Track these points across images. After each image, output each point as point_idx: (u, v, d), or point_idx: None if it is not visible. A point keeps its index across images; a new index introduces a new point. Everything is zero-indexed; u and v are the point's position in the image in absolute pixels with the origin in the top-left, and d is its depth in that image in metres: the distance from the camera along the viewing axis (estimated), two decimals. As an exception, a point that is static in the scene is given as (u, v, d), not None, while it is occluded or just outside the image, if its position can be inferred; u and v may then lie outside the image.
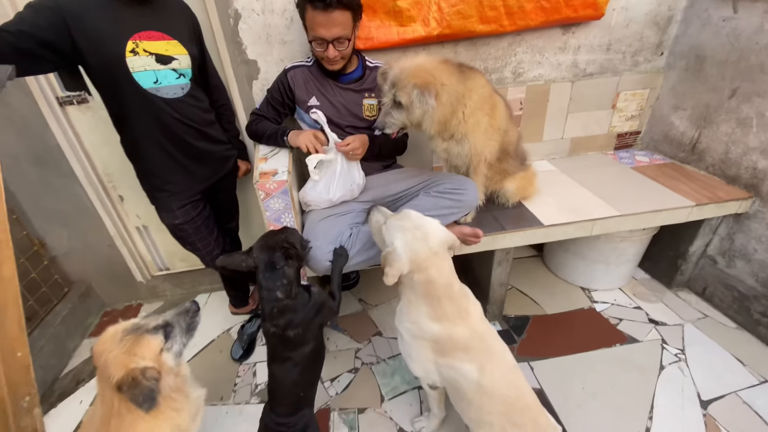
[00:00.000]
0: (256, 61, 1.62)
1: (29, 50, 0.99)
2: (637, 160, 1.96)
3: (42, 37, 0.99)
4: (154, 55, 1.19)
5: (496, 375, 1.04)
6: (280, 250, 1.01)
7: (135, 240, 1.99)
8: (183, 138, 1.31)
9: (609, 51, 1.82)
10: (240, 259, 1.02)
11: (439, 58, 1.25)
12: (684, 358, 1.60)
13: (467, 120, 1.28)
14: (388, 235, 1.04)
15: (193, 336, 1.05)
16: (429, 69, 1.18)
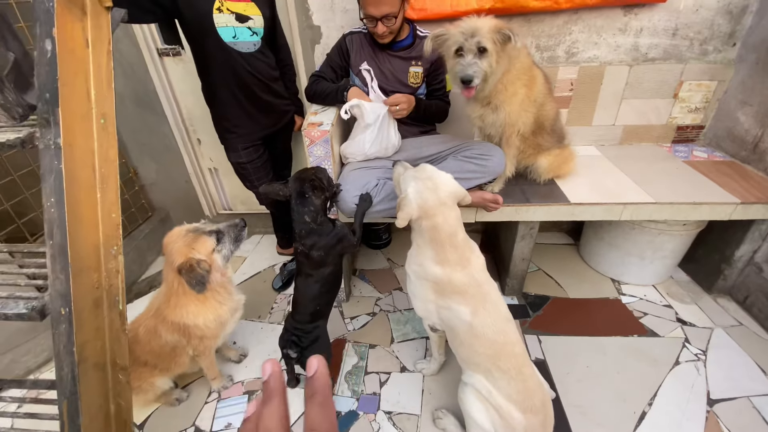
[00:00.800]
0: (320, 26, 1.80)
1: (140, 3, 1.25)
2: (694, 155, 1.86)
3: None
4: (235, 14, 1.42)
5: (487, 320, 1.15)
6: (308, 182, 1.20)
7: (207, 179, 2.33)
8: (252, 89, 1.54)
9: (675, 36, 1.74)
10: (278, 188, 1.22)
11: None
12: (704, 359, 1.56)
13: (507, 88, 1.34)
14: (404, 184, 1.18)
15: (239, 247, 1.29)
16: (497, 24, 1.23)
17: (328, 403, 0.25)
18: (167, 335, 1.25)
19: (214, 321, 1.25)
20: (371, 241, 2.23)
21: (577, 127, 1.93)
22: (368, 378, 1.53)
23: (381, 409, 1.42)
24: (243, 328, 1.78)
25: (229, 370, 1.59)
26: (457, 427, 1.31)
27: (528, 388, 1.13)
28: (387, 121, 1.55)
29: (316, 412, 0.24)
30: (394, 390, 1.49)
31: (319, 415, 0.24)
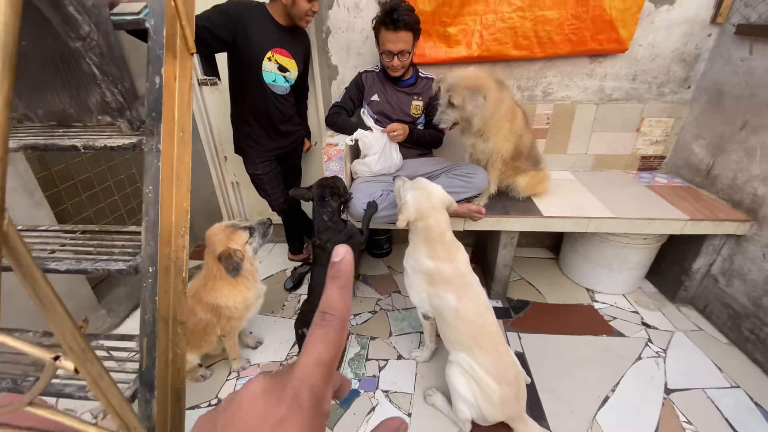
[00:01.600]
0: (337, 66, 2.14)
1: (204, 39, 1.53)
2: (656, 181, 2.15)
3: (217, 33, 1.54)
4: (279, 65, 1.75)
5: (469, 305, 1.39)
6: (329, 189, 1.48)
7: (229, 192, 2.62)
8: (274, 121, 1.85)
9: (635, 81, 2.07)
10: (304, 191, 1.51)
11: (485, 70, 1.64)
12: (664, 356, 1.78)
13: (496, 124, 1.66)
14: (403, 193, 1.46)
15: (266, 242, 1.55)
16: (478, 77, 1.58)
17: (349, 288, 0.25)
18: (202, 314, 1.50)
19: (242, 303, 1.50)
20: (374, 250, 2.49)
21: (555, 155, 2.24)
22: (368, 363, 1.76)
23: (379, 389, 1.64)
24: (259, 321, 2.02)
25: (246, 354, 1.82)
26: (444, 402, 1.53)
27: (503, 362, 1.36)
28: (389, 145, 1.85)
29: (336, 294, 0.24)
30: (391, 374, 1.71)
31: (339, 297, 0.24)
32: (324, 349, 0.23)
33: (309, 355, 0.23)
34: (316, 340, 0.23)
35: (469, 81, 1.56)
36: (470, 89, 1.54)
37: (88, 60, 0.80)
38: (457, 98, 1.58)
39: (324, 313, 0.24)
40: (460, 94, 1.56)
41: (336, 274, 0.25)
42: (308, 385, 0.22)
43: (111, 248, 1.09)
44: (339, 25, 2.04)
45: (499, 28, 1.90)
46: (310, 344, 0.23)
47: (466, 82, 1.55)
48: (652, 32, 1.95)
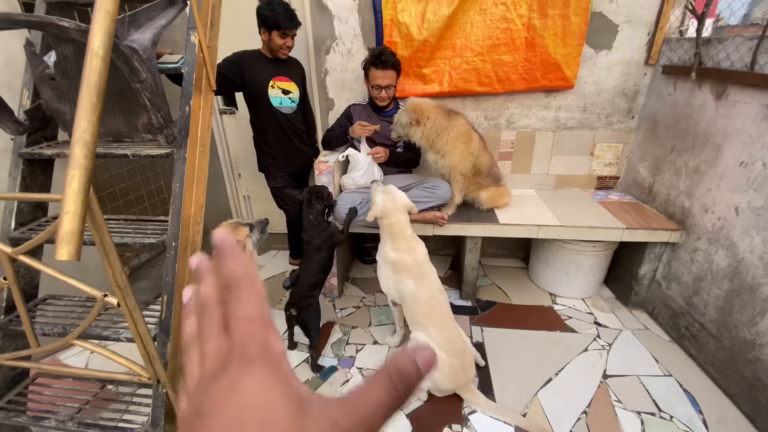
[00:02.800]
0: (333, 99, 2.58)
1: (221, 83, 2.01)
2: (608, 198, 2.44)
3: (229, 77, 2.01)
4: (281, 89, 2.19)
5: (424, 290, 1.70)
6: (315, 194, 1.85)
7: (241, 204, 3.03)
8: (289, 137, 2.27)
9: (585, 111, 2.42)
10: (296, 193, 1.88)
11: (436, 103, 2.04)
12: (608, 349, 2.01)
13: (448, 144, 2.03)
14: (374, 195, 1.81)
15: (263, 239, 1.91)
16: (422, 106, 1.98)
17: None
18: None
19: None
20: (363, 256, 2.83)
21: (520, 175, 2.57)
22: (348, 347, 2.05)
23: (355, 366, 1.93)
24: (258, 311, 2.34)
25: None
26: (406, 377, 1.80)
27: (450, 337, 1.65)
28: (371, 164, 2.23)
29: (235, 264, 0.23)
30: (366, 355, 2.00)
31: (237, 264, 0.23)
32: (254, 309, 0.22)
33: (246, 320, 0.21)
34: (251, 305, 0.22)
35: (413, 107, 1.95)
36: (407, 112, 1.94)
37: (143, 95, 1.21)
38: (400, 117, 1.99)
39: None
40: (401, 114, 1.97)
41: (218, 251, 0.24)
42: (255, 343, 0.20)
43: (144, 230, 1.47)
44: (335, 66, 2.48)
45: (465, 69, 2.30)
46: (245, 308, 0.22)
47: (410, 107, 1.95)
48: (596, 72, 2.32)
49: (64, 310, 1.50)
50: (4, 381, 1.49)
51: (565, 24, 2.13)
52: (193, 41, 1.43)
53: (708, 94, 1.86)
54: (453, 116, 2.05)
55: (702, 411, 1.65)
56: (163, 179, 2.71)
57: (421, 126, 1.95)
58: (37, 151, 1.48)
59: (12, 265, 1.16)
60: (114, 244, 1.06)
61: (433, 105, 2.03)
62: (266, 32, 2.02)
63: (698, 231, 1.91)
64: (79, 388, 1.55)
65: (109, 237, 1.05)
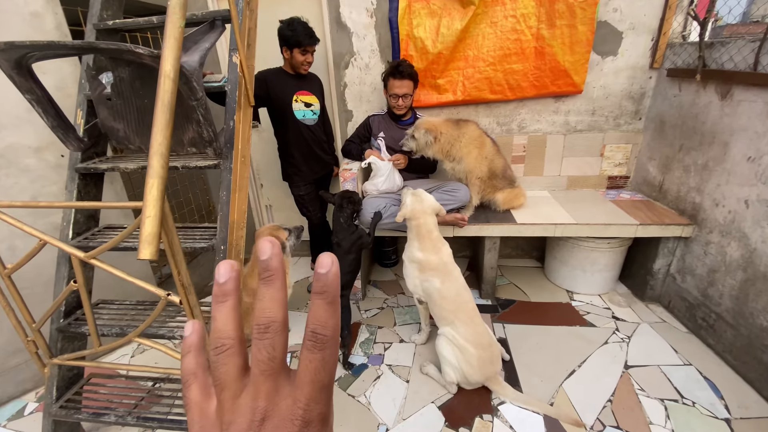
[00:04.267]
0: (352, 110, 2.71)
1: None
2: (620, 197, 2.53)
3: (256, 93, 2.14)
4: (304, 103, 2.32)
5: (450, 287, 1.79)
6: (346, 198, 1.96)
7: (263, 213, 3.15)
8: (311, 147, 2.40)
9: (594, 115, 2.52)
10: (330, 196, 2.00)
11: (444, 118, 2.19)
12: (628, 341, 2.08)
13: (462, 150, 2.15)
14: (404, 197, 1.92)
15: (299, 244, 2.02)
16: (435, 123, 2.11)
17: (337, 304, 0.24)
18: (246, 298, 1.95)
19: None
20: (383, 260, 2.92)
21: (533, 177, 2.67)
22: (376, 345, 2.14)
23: (384, 363, 2.01)
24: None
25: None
26: (435, 371, 1.89)
27: (478, 331, 1.74)
28: (392, 171, 2.35)
29: (324, 309, 0.23)
30: (394, 353, 2.08)
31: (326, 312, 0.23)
32: (325, 374, 0.23)
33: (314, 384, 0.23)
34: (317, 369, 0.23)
35: (427, 125, 2.10)
36: (424, 129, 2.07)
37: (198, 112, 1.33)
38: (416, 133, 2.14)
39: (315, 334, 0.23)
40: (419, 131, 2.12)
41: (322, 289, 0.23)
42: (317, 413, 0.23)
43: (194, 236, 1.59)
44: (354, 80, 2.62)
45: (478, 78, 2.42)
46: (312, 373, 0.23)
47: (425, 126, 2.09)
48: (603, 77, 2.43)
49: (118, 312, 1.61)
50: (63, 381, 1.59)
51: (572, 33, 2.25)
52: (234, 61, 1.56)
53: (713, 94, 1.96)
54: (462, 125, 2.17)
55: (723, 396, 1.72)
56: (191, 190, 2.84)
57: (437, 142, 2.08)
58: (93, 165, 1.60)
59: (83, 269, 1.28)
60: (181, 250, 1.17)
61: (442, 120, 2.18)
62: (288, 50, 2.16)
63: (710, 224, 1.99)
64: (132, 386, 1.65)
65: (178, 240, 1.17)
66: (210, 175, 3.01)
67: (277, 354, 0.23)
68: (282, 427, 0.22)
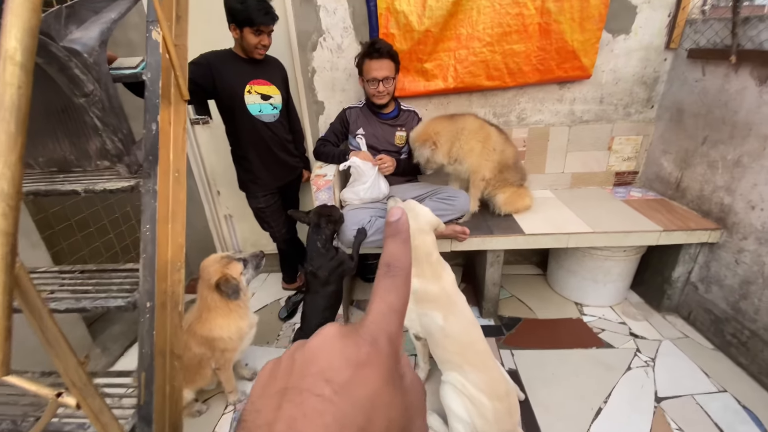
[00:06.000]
0: (323, 102, 2.27)
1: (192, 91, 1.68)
2: (631, 195, 2.26)
3: (198, 82, 1.67)
4: (261, 94, 1.87)
5: (455, 324, 1.44)
6: (325, 217, 1.56)
7: (222, 225, 2.68)
8: (272, 149, 1.95)
9: (602, 103, 2.21)
10: (302, 215, 1.58)
11: (433, 117, 1.86)
12: (652, 365, 1.82)
13: (462, 147, 1.78)
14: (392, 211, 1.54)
15: (258, 273, 1.60)
16: (427, 127, 1.76)
17: (409, 244, 0.25)
18: (196, 348, 1.52)
19: (236, 333, 1.54)
20: (366, 274, 2.54)
21: (534, 175, 2.35)
22: (364, 389, 1.77)
23: (375, 413, 1.65)
24: (254, 351, 2.03)
25: (242, 387, 1.82)
26: (440, 423, 1.55)
27: (493, 378, 1.40)
28: (378, 176, 1.95)
29: (399, 248, 0.24)
30: (386, 398, 1.72)
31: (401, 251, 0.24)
32: (395, 297, 0.23)
33: (382, 302, 0.23)
34: (387, 289, 0.23)
35: (419, 136, 1.80)
36: (418, 143, 1.71)
37: (91, 113, 0.89)
38: (415, 152, 1.82)
39: (389, 266, 0.24)
40: (415, 148, 1.79)
41: (395, 231, 0.25)
42: (385, 332, 0.22)
43: (109, 286, 1.14)
44: (323, 65, 2.18)
45: (472, 62, 2.05)
46: (381, 293, 0.23)
47: (415, 140, 1.81)
48: (613, 59, 2.11)
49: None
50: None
51: (583, 7, 1.90)
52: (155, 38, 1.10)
53: (748, 78, 1.68)
54: (458, 118, 1.82)
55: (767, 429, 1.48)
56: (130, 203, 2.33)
57: (439, 146, 1.71)
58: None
59: None
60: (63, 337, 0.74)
61: (433, 119, 1.84)
62: (237, 29, 1.70)
63: (743, 230, 1.73)
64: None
65: (54, 323, 0.73)
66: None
67: None
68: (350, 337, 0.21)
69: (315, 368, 0.20)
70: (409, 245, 0.25)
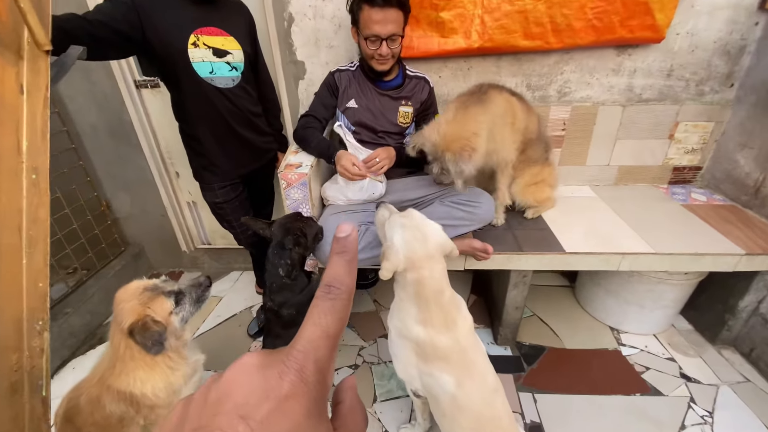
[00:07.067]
0: (304, 62, 1.73)
1: (104, 38, 1.16)
2: (692, 198, 1.79)
3: (117, 27, 1.16)
4: (212, 49, 1.34)
5: (472, 392, 1.02)
6: (292, 235, 1.09)
7: (185, 213, 2.21)
8: (231, 126, 1.45)
9: (670, 77, 1.69)
10: (260, 226, 1.12)
11: (455, 105, 1.33)
12: (711, 421, 1.43)
13: (496, 139, 1.30)
14: (390, 230, 1.07)
15: (201, 308, 1.15)
16: (457, 132, 1.24)
17: (355, 263, 0.24)
18: (112, 405, 1.10)
19: (165, 389, 1.11)
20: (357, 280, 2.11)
21: (571, 167, 1.86)
22: (346, 444, 1.38)
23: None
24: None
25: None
26: None
27: (521, 471, 1.00)
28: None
29: (343, 267, 0.23)
30: (374, 458, 1.34)
31: (345, 270, 0.23)
32: (332, 321, 0.21)
33: (316, 326, 0.21)
34: (323, 312, 0.22)
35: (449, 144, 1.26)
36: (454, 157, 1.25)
37: None
38: (448, 166, 1.29)
39: (329, 287, 0.22)
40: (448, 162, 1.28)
41: (341, 249, 0.24)
42: (313, 359, 0.20)
43: None
44: (304, 10, 1.62)
45: (506, 12, 1.50)
46: (316, 316, 0.22)
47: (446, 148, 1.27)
48: (693, 18, 1.58)
49: None
50: None
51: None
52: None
53: None
54: (484, 100, 1.31)
55: None
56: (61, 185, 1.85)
57: (478, 149, 1.23)
58: None
59: None
60: None
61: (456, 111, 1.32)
62: None
63: None
64: None
65: None
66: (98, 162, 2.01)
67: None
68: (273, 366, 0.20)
69: (229, 404, 0.18)
70: (354, 265, 0.24)
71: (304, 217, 1.20)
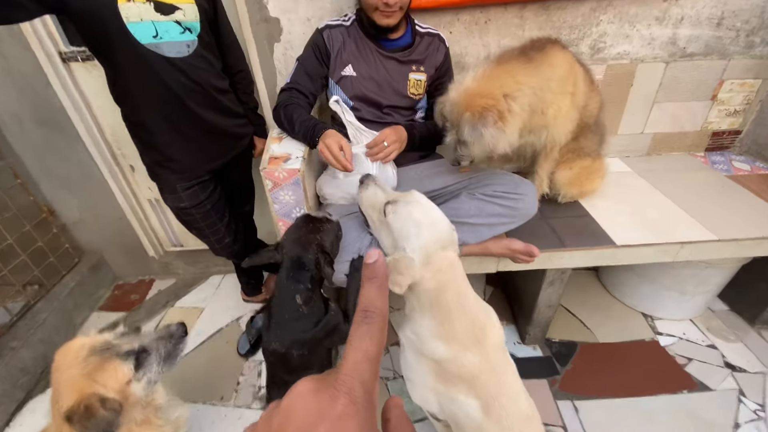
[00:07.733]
0: (279, 19, 1.36)
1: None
2: (735, 168, 1.59)
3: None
4: (153, 3, 0.98)
5: (504, 418, 0.81)
6: (313, 249, 0.81)
7: (147, 213, 1.86)
8: (189, 107, 1.11)
9: (719, 27, 1.43)
10: (268, 256, 0.85)
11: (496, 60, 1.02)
12: (765, 416, 1.30)
13: (546, 112, 1.01)
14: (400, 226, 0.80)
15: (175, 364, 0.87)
16: (484, 88, 0.92)
17: (386, 288, 0.24)
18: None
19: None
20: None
21: (601, 138, 1.61)
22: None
23: None
24: (200, 415, 1.38)
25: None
26: None
27: None
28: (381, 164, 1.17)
29: (375, 293, 0.24)
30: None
31: (378, 295, 0.24)
32: (371, 344, 0.22)
33: (357, 351, 0.22)
34: (362, 336, 0.22)
35: (470, 103, 0.96)
36: (469, 120, 0.91)
37: None
38: (462, 134, 1.00)
39: (365, 311, 0.23)
40: (462, 127, 0.99)
41: (372, 275, 0.24)
42: (359, 381, 0.21)
43: None
44: (276, -52, 1.24)
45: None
46: (356, 340, 0.22)
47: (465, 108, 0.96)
48: (757, -52, 1.29)
49: None
50: None
51: None
52: None
53: None
54: (539, 59, 1.02)
55: None
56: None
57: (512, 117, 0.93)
58: None
59: None
60: None
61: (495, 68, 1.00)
62: None
63: None
64: None
65: None
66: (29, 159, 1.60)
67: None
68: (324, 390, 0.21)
69: (291, 428, 0.20)
70: (386, 290, 0.25)
71: (313, 217, 0.91)
